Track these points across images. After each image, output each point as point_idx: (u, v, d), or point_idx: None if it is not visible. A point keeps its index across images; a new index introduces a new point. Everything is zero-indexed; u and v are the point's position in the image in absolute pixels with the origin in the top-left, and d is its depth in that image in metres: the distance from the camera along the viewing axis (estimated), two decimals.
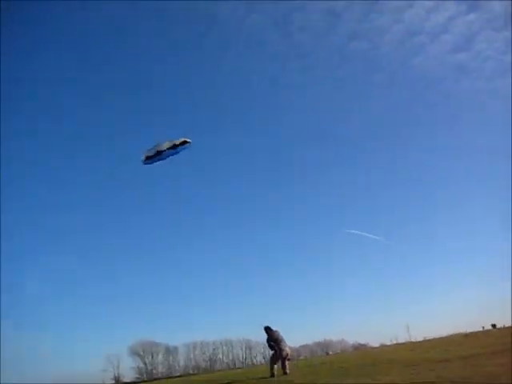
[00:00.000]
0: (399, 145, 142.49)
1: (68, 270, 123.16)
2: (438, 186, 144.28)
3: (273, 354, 17.91)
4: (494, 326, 62.97)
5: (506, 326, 54.91)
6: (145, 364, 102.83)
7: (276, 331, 17.97)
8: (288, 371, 17.07)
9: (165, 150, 16.28)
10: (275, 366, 17.36)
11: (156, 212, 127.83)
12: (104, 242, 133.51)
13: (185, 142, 16.45)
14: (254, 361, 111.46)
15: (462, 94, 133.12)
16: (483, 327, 65.32)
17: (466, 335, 29.73)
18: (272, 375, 17.03)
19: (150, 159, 16.69)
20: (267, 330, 17.94)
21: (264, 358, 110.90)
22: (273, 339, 17.81)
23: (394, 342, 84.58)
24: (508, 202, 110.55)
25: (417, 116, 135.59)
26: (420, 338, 68.20)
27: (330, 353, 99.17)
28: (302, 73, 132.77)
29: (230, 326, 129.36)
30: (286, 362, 17.30)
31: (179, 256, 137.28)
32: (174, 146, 16.29)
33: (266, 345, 18.37)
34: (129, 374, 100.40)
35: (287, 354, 17.49)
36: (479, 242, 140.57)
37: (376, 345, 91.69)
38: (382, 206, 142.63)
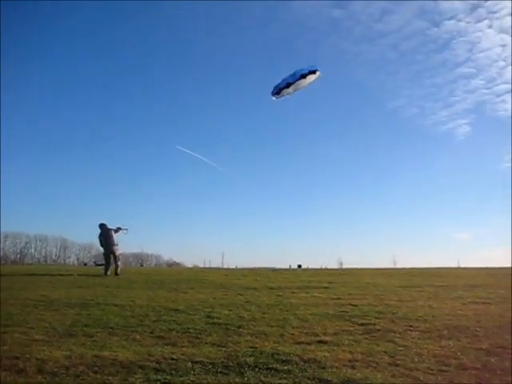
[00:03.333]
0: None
1: None
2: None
3: (104, 251, 18.44)
4: (299, 266, 68.98)
5: (310, 267, 60.74)
6: None
7: (110, 229, 18.33)
8: (119, 273, 17.60)
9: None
10: (109, 268, 17.85)
11: None
12: None
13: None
14: (68, 260, 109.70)
15: (327, 49, 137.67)
16: (290, 266, 71.34)
17: (274, 270, 32.05)
18: (105, 273, 17.52)
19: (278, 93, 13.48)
20: (101, 226, 18.29)
21: (78, 259, 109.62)
22: (104, 236, 18.24)
23: (208, 266, 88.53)
24: None
25: (281, 58, 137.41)
26: (232, 266, 72.20)
27: (144, 265, 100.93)
28: None
29: (46, 222, 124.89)
30: (119, 263, 17.86)
31: None
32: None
33: (98, 241, 18.78)
34: None
35: (113, 251, 18.09)
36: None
37: (190, 265, 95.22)
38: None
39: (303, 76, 12.76)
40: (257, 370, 4.53)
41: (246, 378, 4.26)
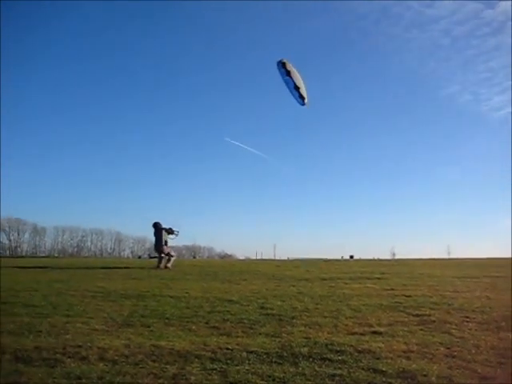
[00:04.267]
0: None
1: None
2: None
3: (155, 247, 19.21)
4: (351, 256, 68.22)
5: (362, 258, 59.98)
6: (9, 240, 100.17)
7: (162, 229, 19.09)
8: (170, 266, 18.17)
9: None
10: (162, 261, 18.52)
11: None
12: None
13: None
14: (122, 253, 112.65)
15: (377, 37, 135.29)
16: (342, 256, 70.49)
17: (326, 261, 31.81)
18: (158, 266, 18.20)
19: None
20: (154, 225, 19.14)
21: (132, 252, 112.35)
22: (156, 235, 19.09)
23: (259, 258, 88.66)
24: None
25: (335, 48, 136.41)
26: (284, 257, 72.08)
27: (197, 258, 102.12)
28: None
29: (102, 216, 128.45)
30: (172, 259, 18.55)
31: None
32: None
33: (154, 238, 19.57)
34: None
35: (162, 251, 18.80)
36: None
37: (241, 257, 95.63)
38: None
39: (288, 73, 13.43)
40: (311, 360, 4.57)
41: (300, 368, 4.30)
